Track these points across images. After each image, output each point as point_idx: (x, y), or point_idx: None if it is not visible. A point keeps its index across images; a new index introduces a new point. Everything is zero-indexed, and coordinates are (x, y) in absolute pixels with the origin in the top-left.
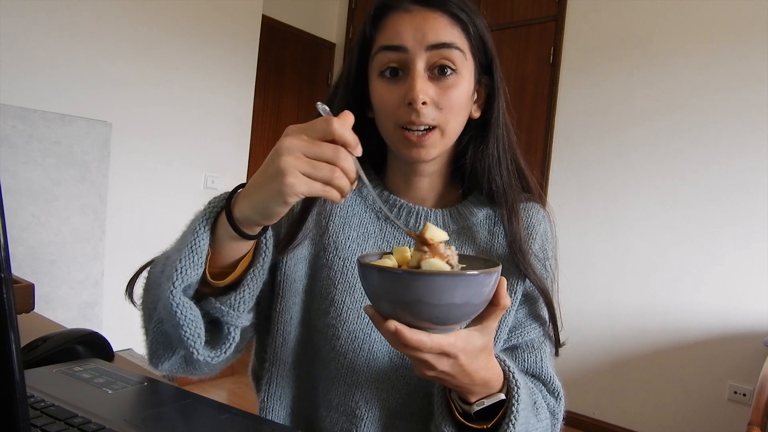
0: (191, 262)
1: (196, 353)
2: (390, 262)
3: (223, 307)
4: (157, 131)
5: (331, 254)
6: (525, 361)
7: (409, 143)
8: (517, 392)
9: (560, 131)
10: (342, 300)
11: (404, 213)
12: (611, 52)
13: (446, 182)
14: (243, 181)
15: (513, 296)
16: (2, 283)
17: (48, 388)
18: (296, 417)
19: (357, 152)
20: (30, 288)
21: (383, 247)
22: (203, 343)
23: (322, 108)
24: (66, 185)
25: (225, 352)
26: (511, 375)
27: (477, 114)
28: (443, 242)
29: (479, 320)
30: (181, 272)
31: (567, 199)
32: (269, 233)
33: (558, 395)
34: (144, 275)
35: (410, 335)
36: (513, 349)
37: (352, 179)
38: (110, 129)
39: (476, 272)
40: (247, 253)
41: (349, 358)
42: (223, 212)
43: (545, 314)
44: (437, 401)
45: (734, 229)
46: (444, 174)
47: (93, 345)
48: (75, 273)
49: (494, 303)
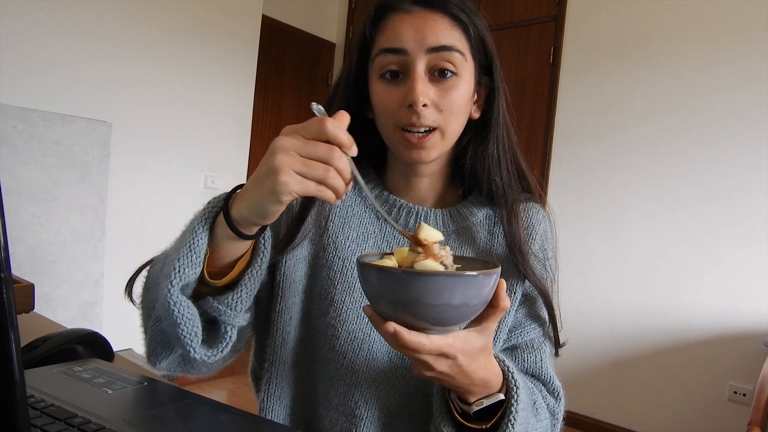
0: (189, 261)
1: (193, 352)
2: (390, 263)
3: (221, 307)
4: (157, 131)
5: (331, 254)
6: (525, 361)
7: (410, 145)
8: (516, 392)
9: (560, 131)
10: (341, 300)
11: (404, 213)
12: (611, 52)
13: (446, 182)
14: (243, 182)
15: (512, 296)
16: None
17: (48, 388)
18: (296, 417)
19: (352, 152)
20: (30, 288)
21: (383, 248)
22: (200, 342)
23: (317, 108)
24: (66, 185)
25: (222, 351)
26: (510, 375)
27: (477, 114)
28: (438, 243)
29: (478, 321)
30: (179, 271)
31: (567, 199)
32: (268, 234)
33: (558, 395)
34: (144, 274)
35: (409, 337)
36: (513, 349)
37: (347, 179)
38: (110, 129)
39: (475, 273)
40: (245, 253)
41: (349, 358)
42: (222, 212)
43: (545, 314)
44: (436, 401)
45: (734, 229)
46: (444, 174)
47: (93, 345)
48: (75, 273)
49: (493, 304)
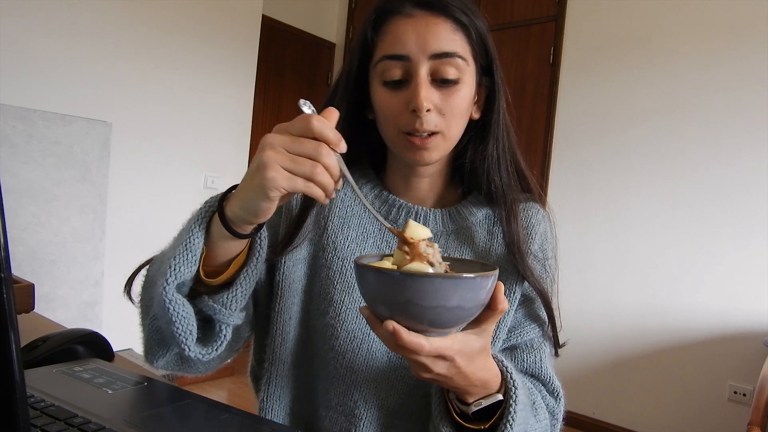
0: (185, 260)
1: (188, 350)
2: (387, 264)
3: (216, 305)
4: (157, 131)
5: (330, 254)
6: (524, 362)
7: (413, 146)
8: (515, 392)
9: (560, 131)
10: (341, 300)
11: (403, 213)
12: (611, 52)
13: (446, 182)
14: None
15: (512, 297)
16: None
17: (48, 388)
18: (295, 417)
19: (340, 149)
20: (30, 288)
21: (382, 248)
22: (195, 340)
23: (304, 104)
24: (66, 185)
25: (216, 350)
26: (509, 375)
27: (477, 115)
28: (425, 240)
29: (476, 323)
30: (175, 269)
31: (567, 199)
32: (264, 233)
33: (557, 395)
34: (143, 273)
35: (408, 337)
36: (512, 349)
37: (335, 176)
38: (110, 129)
39: (472, 275)
40: (241, 253)
41: (348, 358)
42: (217, 211)
43: (544, 315)
44: (435, 401)
45: (734, 229)
46: (444, 174)
47: (93, 345)
48: (75, 273)
49: (492, 306)
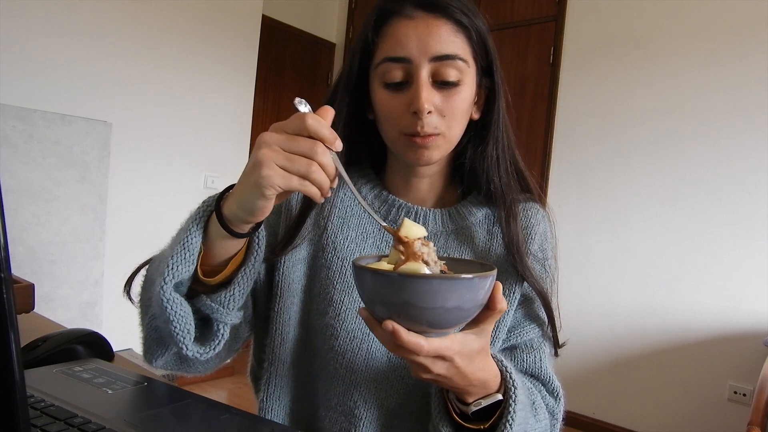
0: (183, 259)
1: (185, 349)
2: (385, 265)
3: (213, 304)
4: (157, 131)
5: (330, 254)
6: (524, 361)
7: (415, 146)
8: (515, 392)
9: (560, 131)
10: (340, 300)
11: (403, 213)
12: (611, 52)
13: (446, 182)
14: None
15: (511, 297)
16: (2, 283)
17: (48, 388)
18: (295, 417)
19: (335, 147)
20: (30, 288)
21: (382, 248)
22: (192, 339)
23: (300, 103)
24: (66, 185)
25: (214, 349)
26: (508, 375)
27: (477, 115)
28: (420, 239)
29: (475, 323)
30: (173, 268)
31: (567, 199)
32: (262, 233)
33: (557, 395)
34: (143, 273)
35: (407, 337)
36: (512, 349)
37: (331, 175)
38: (110, 129)
39: (470, 276)
40: (239, 252)
41: (348, 358)
42: (215, 211)
43: (544, 314)
44: (434, 401)
45: (734, 229)
46: (444, 174)
47: (93, 345)
48: (75, 273)
49: (490, 307)
